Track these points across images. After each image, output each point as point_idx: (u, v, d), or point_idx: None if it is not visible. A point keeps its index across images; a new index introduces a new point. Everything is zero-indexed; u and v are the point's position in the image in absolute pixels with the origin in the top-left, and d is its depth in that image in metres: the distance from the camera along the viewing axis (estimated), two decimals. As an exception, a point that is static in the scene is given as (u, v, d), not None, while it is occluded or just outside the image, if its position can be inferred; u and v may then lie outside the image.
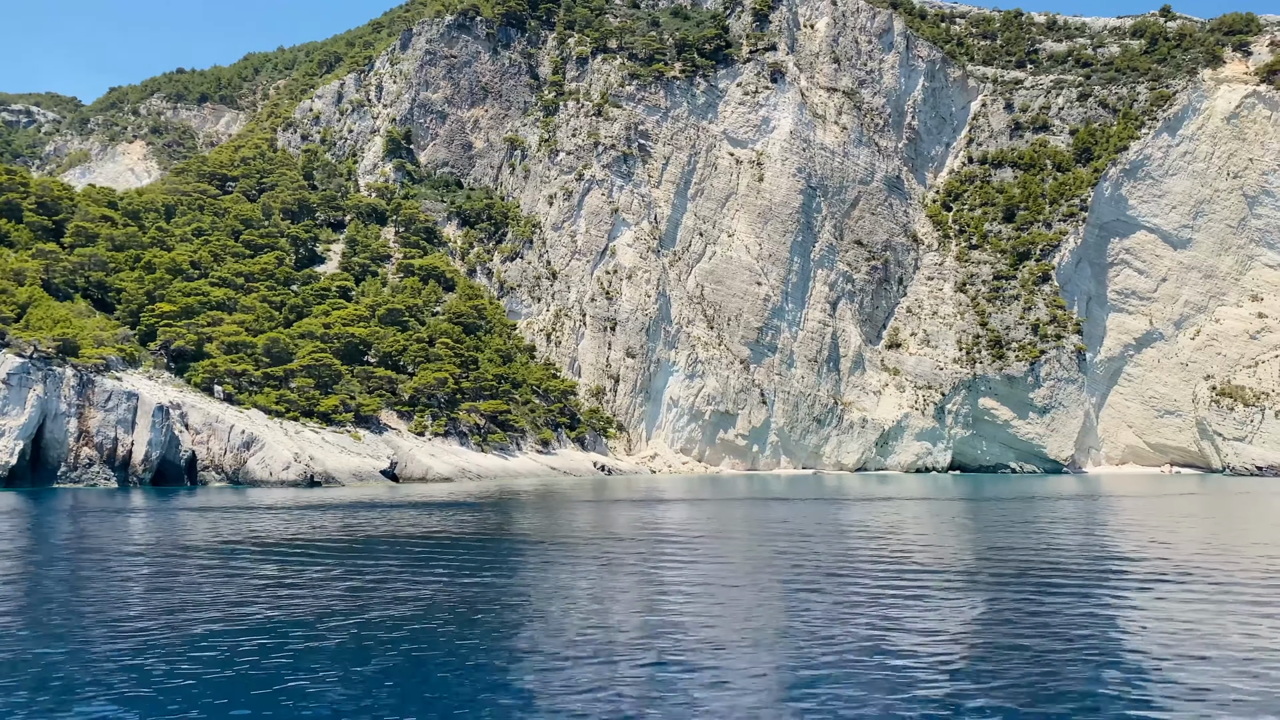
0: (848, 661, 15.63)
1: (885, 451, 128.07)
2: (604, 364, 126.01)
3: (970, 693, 14.09)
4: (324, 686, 14.11)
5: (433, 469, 79.47)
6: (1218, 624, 18.64)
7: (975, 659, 15.90)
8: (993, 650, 16.51)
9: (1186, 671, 15.22)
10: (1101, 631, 18.08)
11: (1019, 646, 16.81)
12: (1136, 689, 14.33)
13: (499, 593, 21.61)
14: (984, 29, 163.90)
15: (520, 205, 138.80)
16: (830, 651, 16.26)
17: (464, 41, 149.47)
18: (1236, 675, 14.92)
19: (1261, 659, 15.87)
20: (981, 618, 19.20)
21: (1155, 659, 16.01)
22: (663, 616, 19.15)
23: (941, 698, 13.82)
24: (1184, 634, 18.01)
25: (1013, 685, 14.42)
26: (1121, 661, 15.82)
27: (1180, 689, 14.36)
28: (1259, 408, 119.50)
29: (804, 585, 23.07)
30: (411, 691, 13.94)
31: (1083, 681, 14.64)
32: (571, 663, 15.44)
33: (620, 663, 15.52)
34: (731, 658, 15.86)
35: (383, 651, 16.09)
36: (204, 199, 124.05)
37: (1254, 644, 16.98)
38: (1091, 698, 13.81)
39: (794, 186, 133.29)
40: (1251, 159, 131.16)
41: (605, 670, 15.09)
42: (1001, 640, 17.28)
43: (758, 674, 14.99)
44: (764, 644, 16.88)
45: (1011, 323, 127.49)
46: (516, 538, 33.98)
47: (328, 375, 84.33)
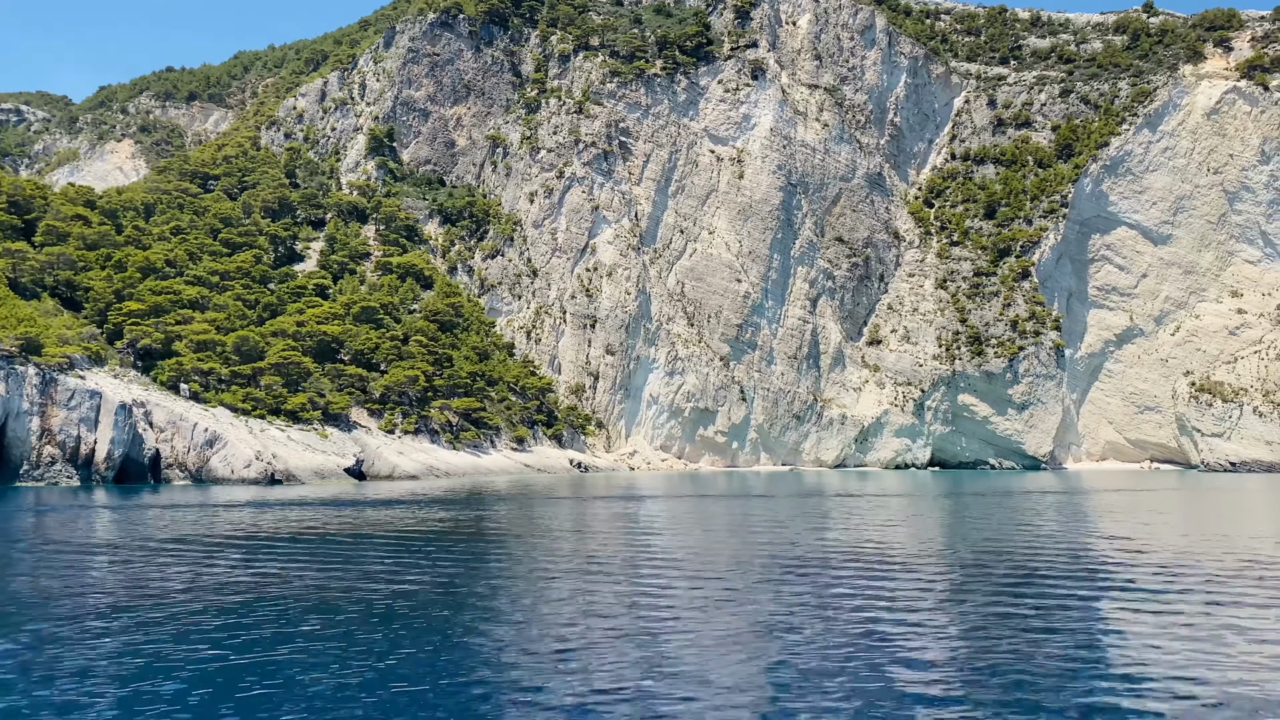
0: (828, 660, 15.61)
1: (865, 448, 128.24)
2: (584, 361, 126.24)
3: (952, 690, 14.10)
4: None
5: (399, 467, 79.74)
6: (1174, 620, 18.84)
7: (956, 656, 16.00)
8: (970, 646, 16.67)
9: (1152, 668, 15.35)
10: (1067, 626, 18.30)
11: (993, 640, 17.03)
12: (1108, 683, 14.41)
13: (400, 592, 21.82)
14: (969, 25, 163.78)
15: (502, 203, 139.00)
16: (810, 650, 16.23)
17: (447, 39, 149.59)
18: (1202, 672, 15.02)
19: (1221, 657, 15.95)
20: (953, 614, 19.30)
21: (1122, 654, 16.18)
22: (605, 620, 19.33)
23: (921, 695, 13.84)
24: (1143, 628, 18.27)
25: (989, 681, 14.49)
26: (1092, 657, 15.96)
27: (1152, 685, 14.39)
28: (1237, 404, 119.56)
29: (780, 583, 23.29)
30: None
31: (1056, 677, 14.71)
32: (515, 668, 15.22)
33: (569, 663, 15.55)
34: (709, 658, 15.75)
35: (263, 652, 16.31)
36: (184, 198, 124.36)
37: (1217, 640, 17.13)
38: (1063, 693, 13.89)
39: (774, 184, 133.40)
40: (1232, 155, 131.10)
41: (567, 675, 14.81)
42: (978, 636, 17.43)
43: (738, 673, 14.85)
44: (743, 642, 16.90)
45: (991, 319, 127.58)
46: (449, 534, 34.17)
47: (296, 373, 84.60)
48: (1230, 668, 15.31)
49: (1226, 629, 18.08)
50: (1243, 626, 18.36)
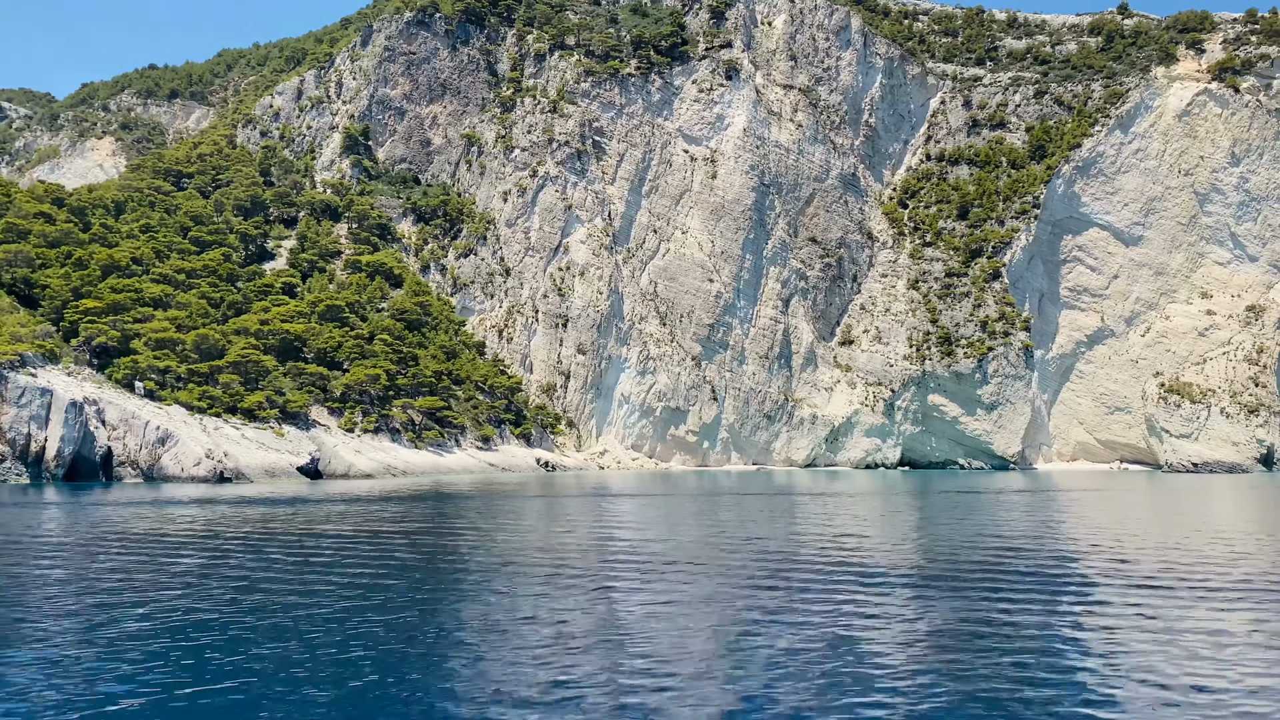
0: (798, 659, 15.64)
1: (835, 447, 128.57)
2: (555, 360, 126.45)
3: (917, 686, 14.24)
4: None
5: (355, 466, 79.89)
6: (1108, 617, 19.13)
7: (919, 652, 16.21)
8: (931, 644, 16.93)
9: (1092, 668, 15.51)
10: (1008, 624, 18.65)
11: (956, 636, 17.38)
12: (1063, 684, 14.54)
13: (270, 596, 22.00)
14: (946, 26, 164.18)
15: (476, 202, 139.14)
16: (778, 648, 16.29)
17: (423, 38, 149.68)
18: (1157, 672, 15.24)
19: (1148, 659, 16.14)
20: (902, 613, 19.59)
21: (1072, 652, 16.41)
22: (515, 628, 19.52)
23: (888, 690, 13.98)
24: (1081, 624, 18.61)
25: (957, 678, 14.65)
26: (1047, 656, 16.19)
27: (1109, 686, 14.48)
28: (1205, 405, 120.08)
29: (748, 580, 23.53)
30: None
31: (1018, 677, 14.87)
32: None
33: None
34: (680, 658, 15.77)
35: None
36: (156, 195, 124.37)
37: (1151, 639, 17.40)
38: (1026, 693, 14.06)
39: (746, 184, 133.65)
40: (1202, 157, 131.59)
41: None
42: (940, 633, 17.76)
43: (708, 673, 14.89)
44: (713, 641, 16.99)
45: (961, 320, 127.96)
46: (343, 534, 34.33)
47: (255, 371, 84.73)
48: (1185, 665, 15.56)
49: (1163, 627, 18.40)
50: (1192, 622, 18.74)
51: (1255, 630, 18.19)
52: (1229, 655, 16.21)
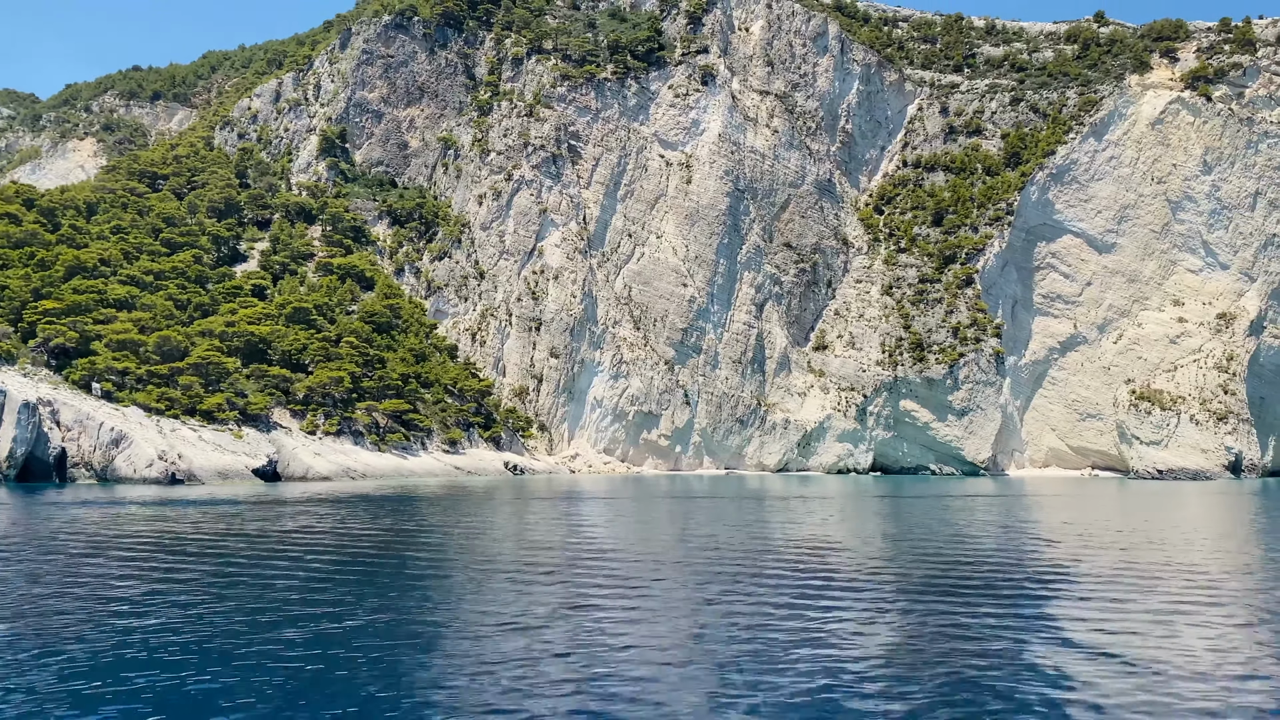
0: (768, 662, 15.72)
1: (807, 452, 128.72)
2: (528, 364, 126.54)
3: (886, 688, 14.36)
4: None
5: (313, 468, 79.82)
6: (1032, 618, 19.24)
7: (885, 656, 16.32)
8: (892, 644, 17.18)
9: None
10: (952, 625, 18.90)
11: (920, 635, 17.70)
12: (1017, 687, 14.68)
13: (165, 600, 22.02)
14: (925, 33, 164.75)
15: (452, 205, 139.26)
16: (748, 651, 16.35)
17: (401, 41, 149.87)
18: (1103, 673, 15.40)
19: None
20: (851, 616, 19.81)
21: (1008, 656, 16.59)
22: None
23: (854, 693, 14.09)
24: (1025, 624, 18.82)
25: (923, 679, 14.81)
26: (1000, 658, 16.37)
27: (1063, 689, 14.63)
28: (1175, 412, 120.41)
29: (715, 582, 23.64)
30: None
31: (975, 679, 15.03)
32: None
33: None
34: (652, 661, 15.76)
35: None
36: (129, 197, 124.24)
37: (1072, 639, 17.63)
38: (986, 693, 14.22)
39: (721, 189, 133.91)
40: (1175, 165, 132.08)
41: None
42: (900, 634, 18.06)
43: (680, 676, 14.91)
44: (684, 643, 17.04)
45: (934, 326, 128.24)
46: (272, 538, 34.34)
47: (217, 373, 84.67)
48: (1139, 663, 15.86)
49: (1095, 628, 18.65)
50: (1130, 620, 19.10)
51: (1215, 629, 18.50)
52: (1186, 652, 16.52)
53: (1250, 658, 16.42)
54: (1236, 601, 22.03)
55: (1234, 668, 15.70)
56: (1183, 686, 14.49)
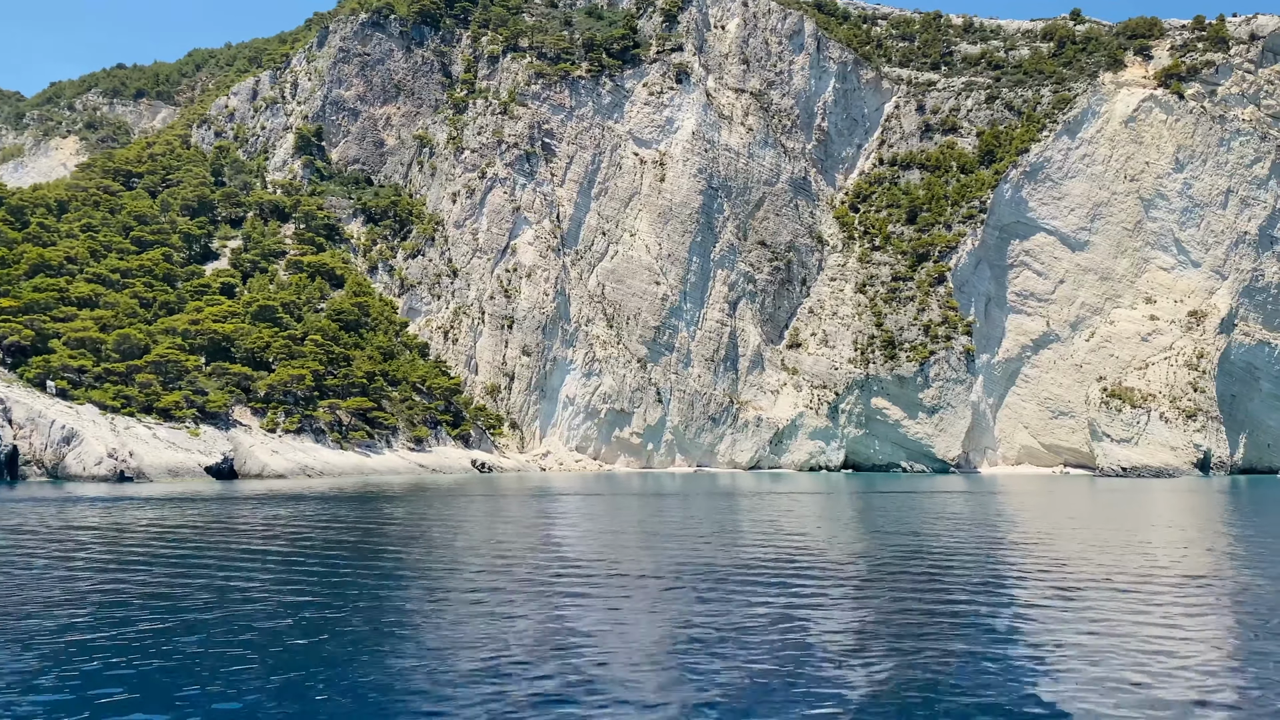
0: (741, 661, 15.54)
1: (779, 450, 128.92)
2: (500, 362, 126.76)
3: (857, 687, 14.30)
4: None
5: (269, 466, 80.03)
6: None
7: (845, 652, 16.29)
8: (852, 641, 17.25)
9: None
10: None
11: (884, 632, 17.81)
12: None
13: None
14: (904, 31, 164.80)
15: (426, 203, 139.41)
16: (718, 652, 16.14)
17: (378, 39, 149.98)
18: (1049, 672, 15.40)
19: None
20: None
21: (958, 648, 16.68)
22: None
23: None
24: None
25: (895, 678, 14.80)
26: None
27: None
28: (1145, 410, 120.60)
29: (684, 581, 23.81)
30: None
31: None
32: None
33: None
34: (622, 660, 15.56)
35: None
36: (101, 195, 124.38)
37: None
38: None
39: (694, 187, 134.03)
40: (1148, 162, 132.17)
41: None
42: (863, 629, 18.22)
43: (651, 676, 14.70)
44: (653, 640, 16.93)
45: (905, 323, 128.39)
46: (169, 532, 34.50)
47: (176, 371, 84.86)
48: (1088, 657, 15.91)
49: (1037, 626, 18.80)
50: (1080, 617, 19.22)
51: (1172, 625, 18.62)
52: (1142, 648, 16.64)
53: (1216, 650, 16.59)
54: (1202, 595, 22.23)
55: (1199, 662, 15.82)
56: (1145, 679, 14.58)
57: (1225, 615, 19.79)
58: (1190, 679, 14.66)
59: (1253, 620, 19.22)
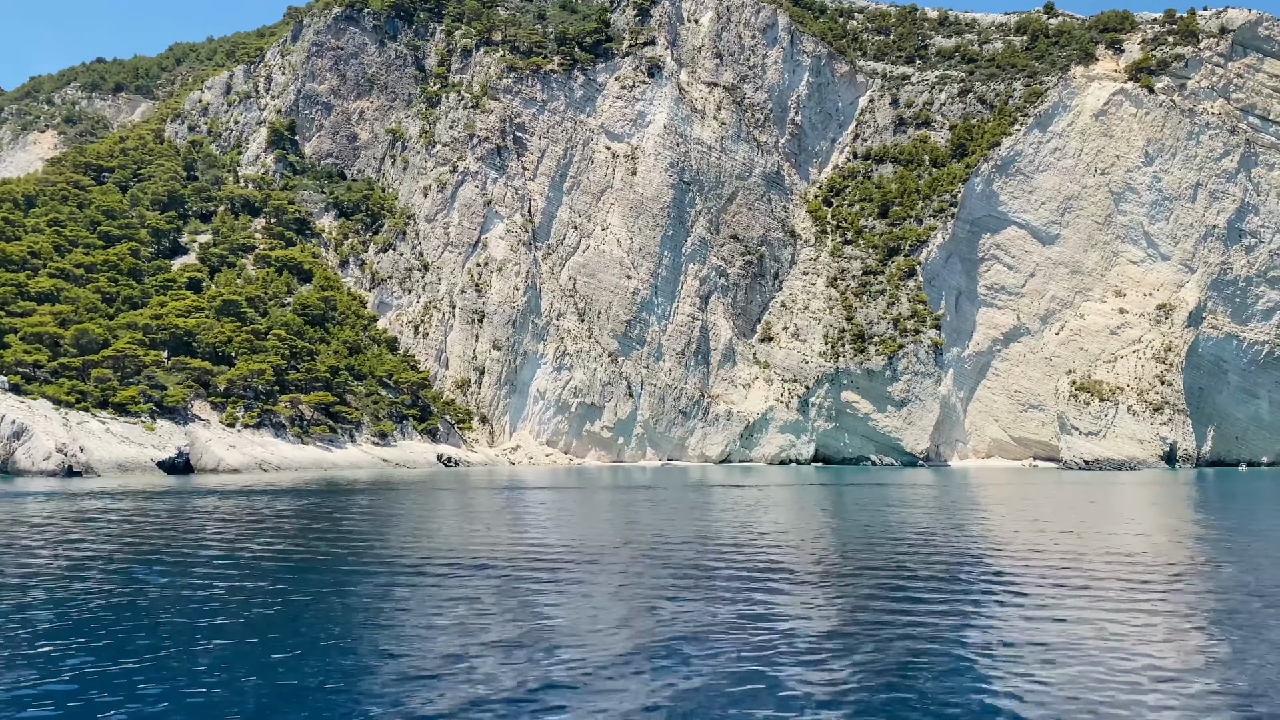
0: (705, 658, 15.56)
1: (750, 443, 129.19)
2: (470, 356, 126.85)
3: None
4: None
5: (224, 460, 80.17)
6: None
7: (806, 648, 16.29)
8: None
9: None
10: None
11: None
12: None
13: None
14: (879, 24, 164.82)
15: (399, 197, 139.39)
16: (687, 648, 16.08)
17: (351, 33, 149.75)
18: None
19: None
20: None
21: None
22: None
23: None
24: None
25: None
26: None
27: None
28: (1113, 402, 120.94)
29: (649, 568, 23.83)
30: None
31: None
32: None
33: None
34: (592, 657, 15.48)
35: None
36: (70, 190, 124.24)
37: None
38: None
39: (666, 181, 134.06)
40: (1118, 156, 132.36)
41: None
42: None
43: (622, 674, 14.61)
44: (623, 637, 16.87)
45: (875, 317, 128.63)
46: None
47: (134, 366, 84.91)
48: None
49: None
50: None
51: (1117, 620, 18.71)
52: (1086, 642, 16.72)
53: (1182, 644, 16.63)
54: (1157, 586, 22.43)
55: (1164, 656, 15.83)
56: (1112, 673, 14.63)
57: (1170, 610, 19.78)
58: (1146, 674, 14.65)
59: (1189, 611, 19.41)
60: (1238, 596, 21.12)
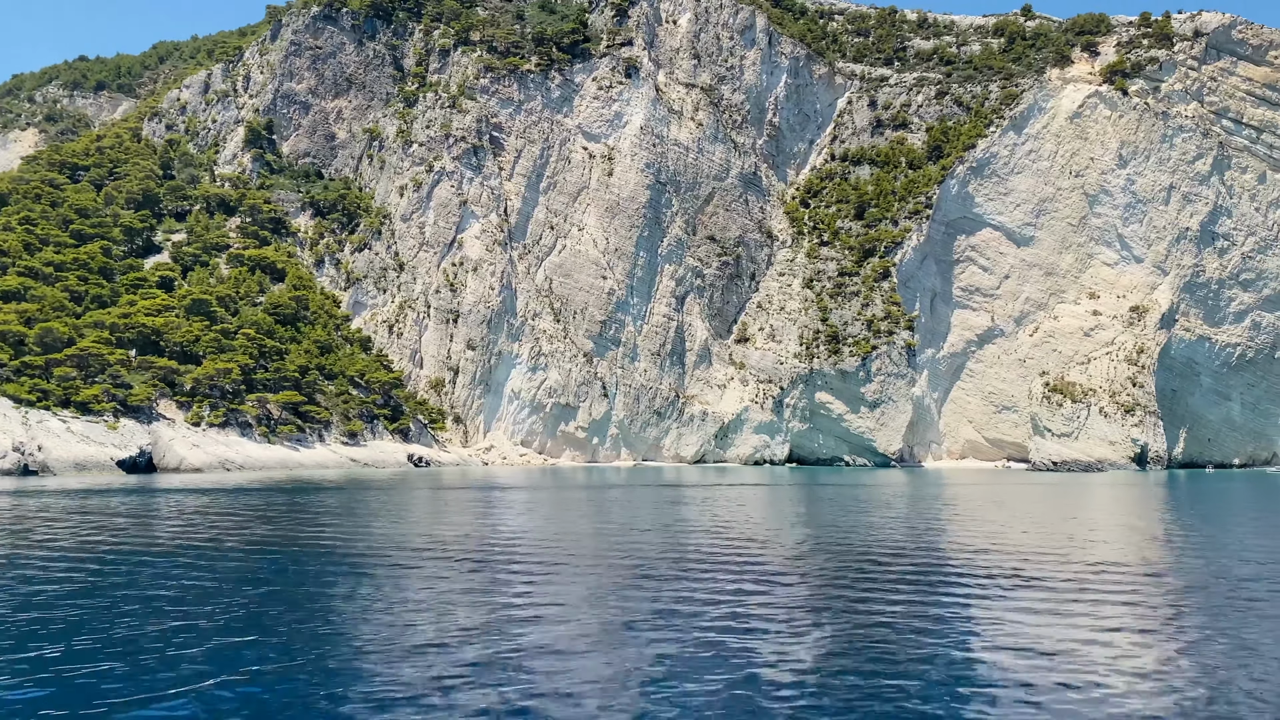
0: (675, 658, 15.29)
1: (725, 444, 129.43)
2: (445, 356, 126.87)
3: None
4: None
5: (186, 460, 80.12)
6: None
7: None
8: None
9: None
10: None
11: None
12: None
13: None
14: (859, 26, 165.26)
15: (375, 196, 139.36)
16: (656, 650, 15.72)
17: (329, 33, 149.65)
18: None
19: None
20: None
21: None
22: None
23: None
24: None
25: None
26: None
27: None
28: (1085, 404, 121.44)
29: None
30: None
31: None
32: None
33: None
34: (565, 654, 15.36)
35: None
36: (44, 188, 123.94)
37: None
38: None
39: (642, 181, 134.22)
40: (1092, 158, 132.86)
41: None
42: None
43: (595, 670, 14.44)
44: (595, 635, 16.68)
45: (850, 318, 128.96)
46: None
47: (98, 364, 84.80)
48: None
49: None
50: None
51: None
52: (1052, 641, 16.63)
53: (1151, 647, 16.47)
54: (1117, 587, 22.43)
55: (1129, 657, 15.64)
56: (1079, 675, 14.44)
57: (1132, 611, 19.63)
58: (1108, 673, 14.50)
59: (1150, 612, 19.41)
60: (1172, 593, 21.31)
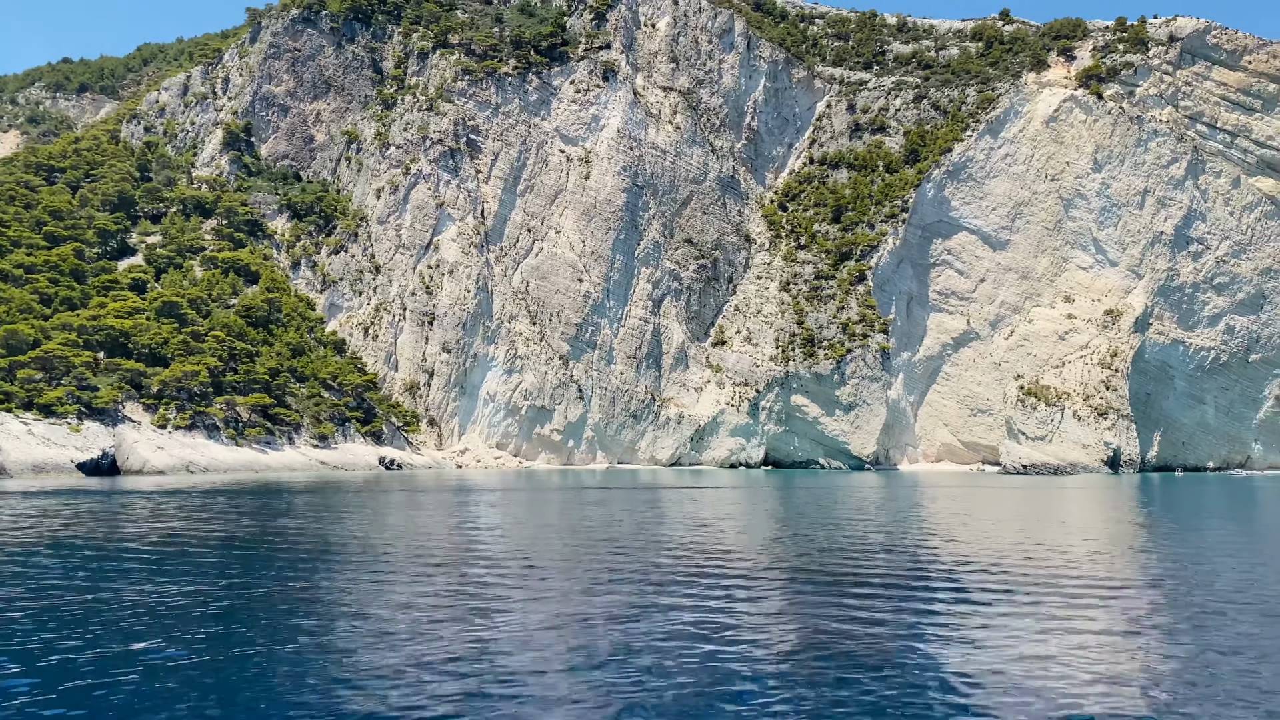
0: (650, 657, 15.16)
1: (700, 447, 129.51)
2: (420, 358, 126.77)
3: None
4: None
5: (150, 462, 79.92)
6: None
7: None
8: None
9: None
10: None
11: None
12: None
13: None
14: (840, 30, 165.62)
15: (352, 199, 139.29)
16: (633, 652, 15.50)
17: (309, 35, 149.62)
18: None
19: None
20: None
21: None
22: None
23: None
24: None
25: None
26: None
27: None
28: (1059, 407, 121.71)
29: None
30: None
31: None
32: None
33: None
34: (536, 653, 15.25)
35: None
36: (18, 190, 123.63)
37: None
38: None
39: (619, 184, 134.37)
40: (1068, 162, 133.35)
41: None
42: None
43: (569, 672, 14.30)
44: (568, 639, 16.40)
45: (825, 321, 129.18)
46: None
47: (61, 367, 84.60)
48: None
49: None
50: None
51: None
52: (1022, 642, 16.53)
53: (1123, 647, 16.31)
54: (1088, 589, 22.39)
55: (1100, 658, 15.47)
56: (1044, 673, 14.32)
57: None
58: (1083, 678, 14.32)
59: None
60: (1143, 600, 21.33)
